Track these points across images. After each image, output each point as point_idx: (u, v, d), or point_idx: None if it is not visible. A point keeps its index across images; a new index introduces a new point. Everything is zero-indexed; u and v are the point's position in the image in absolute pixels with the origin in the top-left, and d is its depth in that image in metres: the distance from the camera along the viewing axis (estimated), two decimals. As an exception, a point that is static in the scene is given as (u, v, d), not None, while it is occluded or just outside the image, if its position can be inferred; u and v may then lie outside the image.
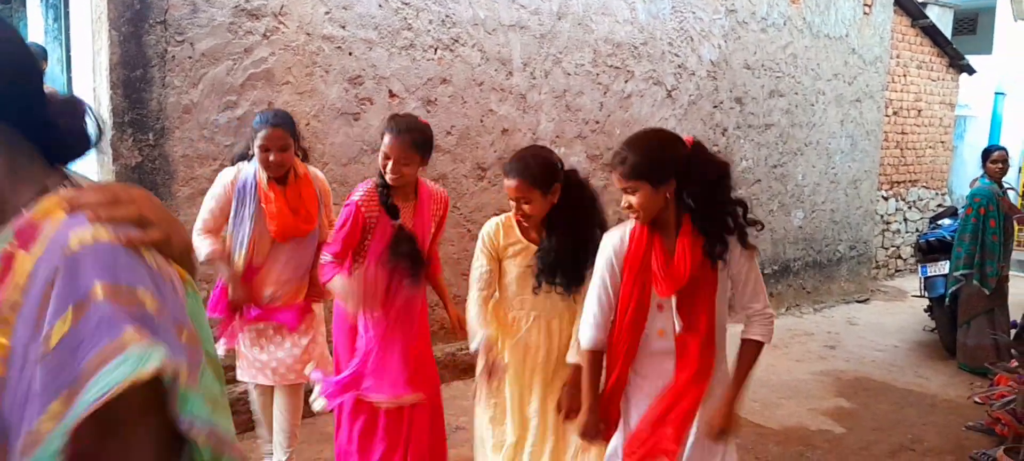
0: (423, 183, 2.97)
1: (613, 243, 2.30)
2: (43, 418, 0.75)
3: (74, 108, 0.98)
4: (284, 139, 2.97)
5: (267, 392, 3.36)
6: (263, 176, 3.03)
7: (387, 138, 2.76)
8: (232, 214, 3.06)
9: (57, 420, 0.74)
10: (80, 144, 0.98)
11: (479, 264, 2.70)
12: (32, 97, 0.92)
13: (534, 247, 2.65)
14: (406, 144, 2.74)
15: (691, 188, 2.14)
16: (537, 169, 2.54)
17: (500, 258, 2.68)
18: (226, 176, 3.08)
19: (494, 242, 2.67)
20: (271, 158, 2.95)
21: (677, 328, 2.24)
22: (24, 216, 0.87)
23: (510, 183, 2.55)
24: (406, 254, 2.82)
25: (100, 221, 0.84)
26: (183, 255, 0.97)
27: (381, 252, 2.81)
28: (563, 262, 2.59)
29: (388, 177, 2.77)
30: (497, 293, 2.77)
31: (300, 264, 3.19)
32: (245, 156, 3.14)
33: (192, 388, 0.82)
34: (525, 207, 2.55)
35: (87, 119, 0.98)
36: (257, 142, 2.95)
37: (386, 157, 2.76)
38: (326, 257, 2.85)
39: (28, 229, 0.85)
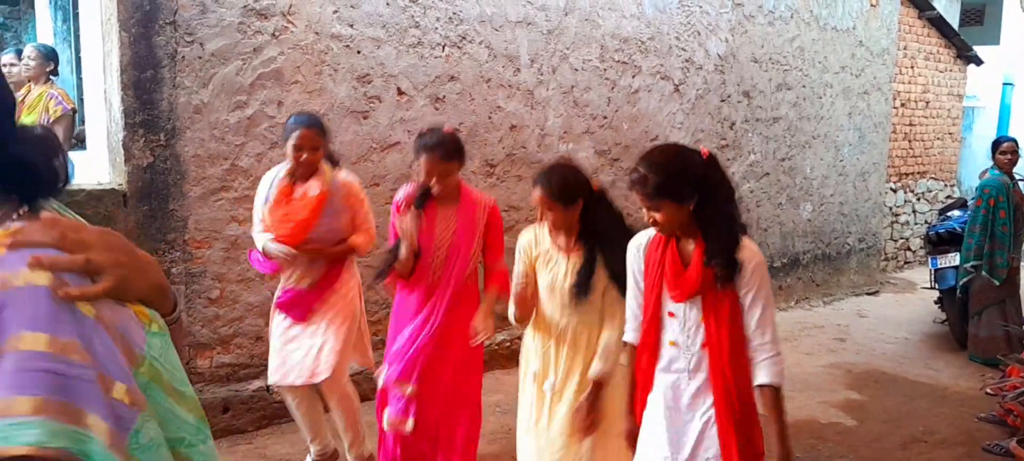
0: (465, 188, 3.10)
1: (638, 245, 2.35)
2: None
3: (48, 145, 0.95)
4: (316, 140, 3.14)
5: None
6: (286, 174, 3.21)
7: (423, 157, 2.94)
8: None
9: None
10: (50, 182, 0.94)
11: (516, 271, 2.83)
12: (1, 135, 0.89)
13: (563, 257, 2.73)
14: (439, 157, 2.93)
15: (709, 200, 2.13)
16: (557, 184, 2.63)
17: (534, 266, 2.80)
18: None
19: (530, 249, 2.80)
20: (303, 157, 3.12)
21: (690, 341, 2.22)
22: None
23: (534, 193, 2.67)
24: (389, 251, 3.06)
25: (40, 265, 0.82)
26: (151, 295, 0.94)
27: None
28: (588, 271, 2.69)
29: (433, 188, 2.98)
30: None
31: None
32: None
33: (113, 453, 0.80)
34: (548, 215, 2.67)
35: (58, 157, 0.95)
36: (291, 142, 3.12)
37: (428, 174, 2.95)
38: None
39: None
